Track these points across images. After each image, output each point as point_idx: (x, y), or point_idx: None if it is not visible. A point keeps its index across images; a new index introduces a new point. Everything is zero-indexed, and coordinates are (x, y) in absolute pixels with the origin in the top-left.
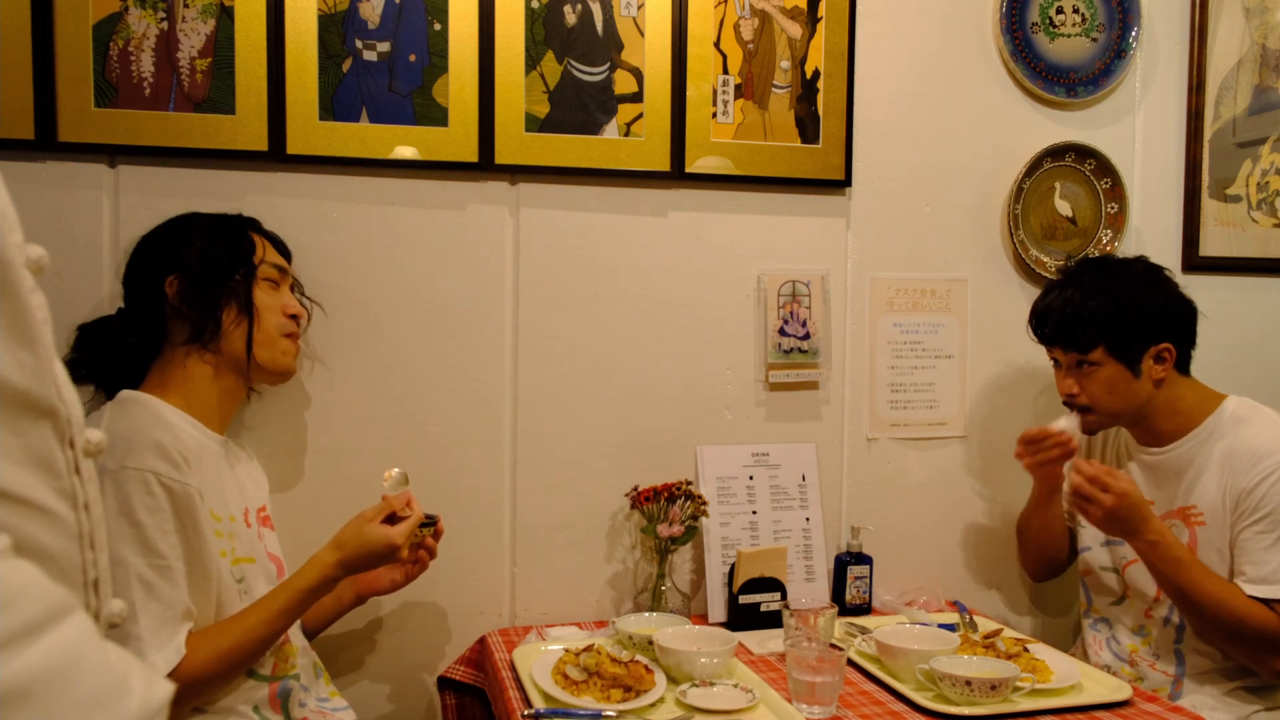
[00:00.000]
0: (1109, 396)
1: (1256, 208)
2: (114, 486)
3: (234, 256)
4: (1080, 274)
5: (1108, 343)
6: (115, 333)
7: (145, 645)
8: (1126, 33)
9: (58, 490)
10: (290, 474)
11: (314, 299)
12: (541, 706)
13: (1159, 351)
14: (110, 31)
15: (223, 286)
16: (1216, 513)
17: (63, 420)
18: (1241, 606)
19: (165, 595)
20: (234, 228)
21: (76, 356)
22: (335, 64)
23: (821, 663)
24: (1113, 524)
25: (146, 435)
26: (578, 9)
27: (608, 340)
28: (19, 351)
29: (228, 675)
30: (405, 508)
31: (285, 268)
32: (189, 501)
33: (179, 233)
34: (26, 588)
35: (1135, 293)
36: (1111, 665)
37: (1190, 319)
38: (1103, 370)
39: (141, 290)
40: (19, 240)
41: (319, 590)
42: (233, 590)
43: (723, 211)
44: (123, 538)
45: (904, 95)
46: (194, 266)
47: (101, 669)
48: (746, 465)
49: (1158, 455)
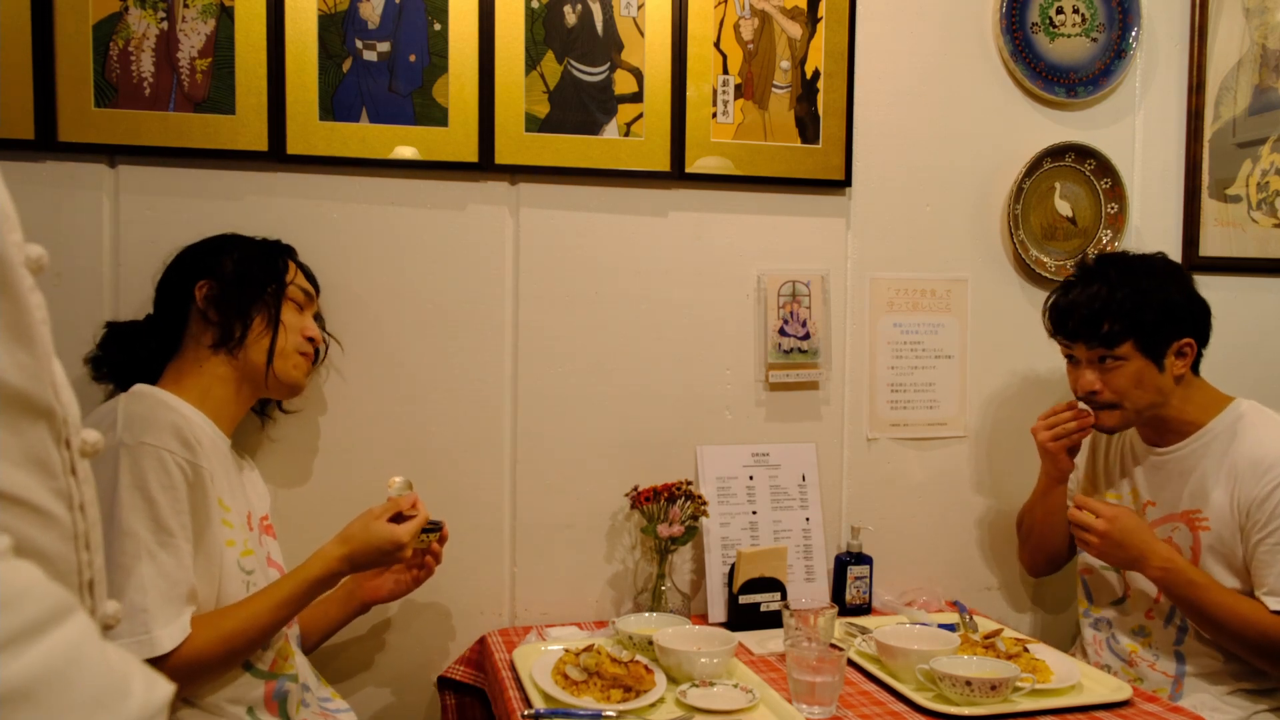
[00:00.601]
0: (1136, 390)
1: (1256, 208)
2: (130, 461)
3: (267, 272)
4: (1103, 269)
5: (1136, 337)
6: (142, 336)
7: (151, 619)
8: (1126, 33)
9: (54, 491)
10: (289, 473)
11: (334, 335)
12: (541, 706)
13: (1181, 346)
14: (110, 31)
15: (254, 296)
16: (1224, 520)
17: (59, 420)
18: (1266, 622)
19: (173, 573)
20: (271, 250)
21: (102, 354)
22: (335, 64)
23: (821, 663)
24: (1113, 550)
25: (164, 416)
26: (578, 9)
27: (608, 340)
28: (17, 352)
29: (227, 661)
30: (411, 508)
31: (312, 294)
32: (201, 484)
33: (218, 246)
34: (28, 588)
35: (1161, 286)
36: (1111, 665)
37: (1207, 316)
38: (1129, 365)
39: (171, 294)
40: (18, 239)
41: (324, 583)
42: (237, 580)
43: (723, 211)
44: (135, 511)
45: (904, 95)
46: (228, 275)
47: (102, 669)
48: (746, 465)
49: (1164, 455)
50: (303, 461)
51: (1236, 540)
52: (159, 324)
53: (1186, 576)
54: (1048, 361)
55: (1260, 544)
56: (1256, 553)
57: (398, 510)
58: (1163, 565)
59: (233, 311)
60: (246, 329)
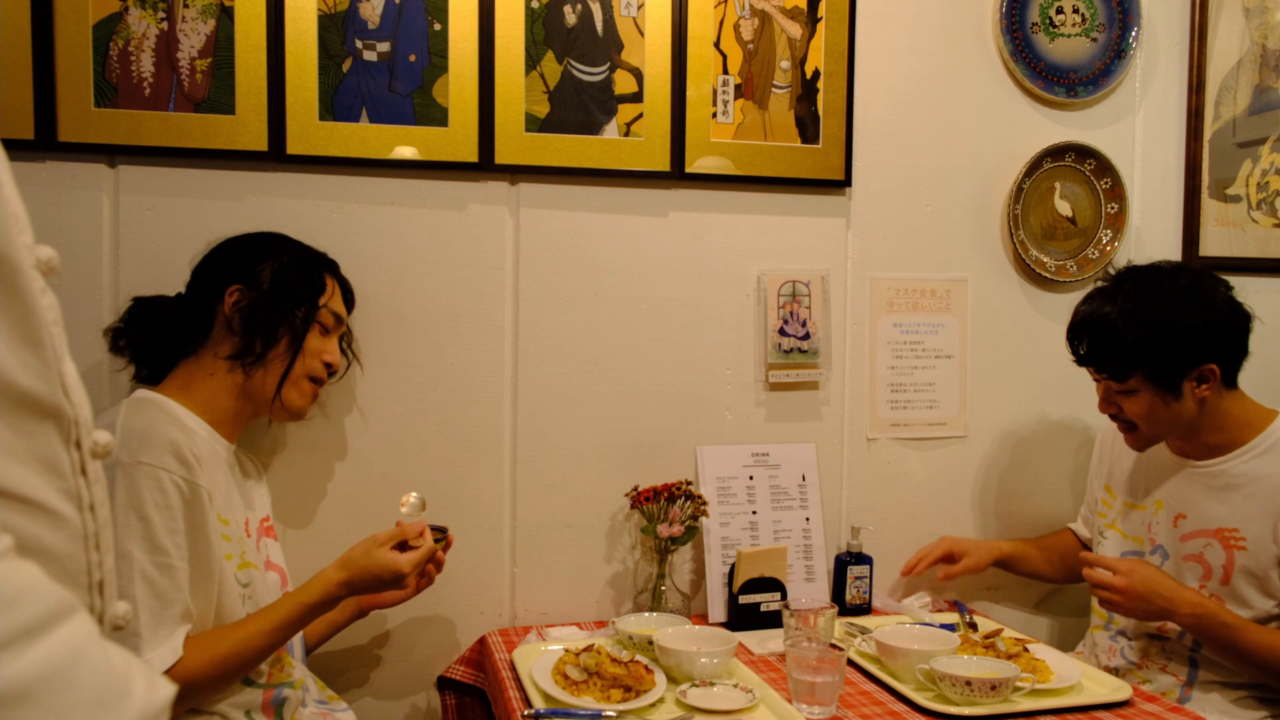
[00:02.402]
0: (1149, 420)
1: (1256, 208)
2: (126, 480)
3: (301, 291)
4: (1118, 289)
5: (1144, 370)
6: (167, 314)
7: (143, 642)
8: (1126, 33)
9: (63, 491)
10: (289, 473)
11: (358, 356)
12: (541, 706)
13: (1201, 373)
14: (110, 31)
15: (281, 318)
16: (1263, 542)
17: (69, 421)
18: None
19: (166, 593)
20: (312, 262)
21: (122, 326)
22: (335, 64)
23: (821, 663)
24: (1138, 605)
25: (163, 433)
26: (578, 9)
27: (608, 340)
28: (25, 353)
29: (222, 682)
30: (418, 538)
31: (342, 317)
32: (198, 502)
33: (260, 250)
34: (29, 588)
35: (1171, 316)
36: (1121, 668)
37: (1237, 332)
38: (1141, 395)
39: (204, 286)
40: (29, 242)
41: (322, 607)
42: (235, 594)
43: (723, 211)
44: (130, 531)
45: (904, 95)
46: (261, 286)
47: (103, 670)
48: (746, 465)
49: (1198, 469)
50: (302, 461)
51: (1274, 563)
52: (186, 310)
53: (1219, 619)
54: (1047, 361)
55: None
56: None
57: (404, 538)
58: (1192, 612)
59: (256, 330)
60: (266, 351)
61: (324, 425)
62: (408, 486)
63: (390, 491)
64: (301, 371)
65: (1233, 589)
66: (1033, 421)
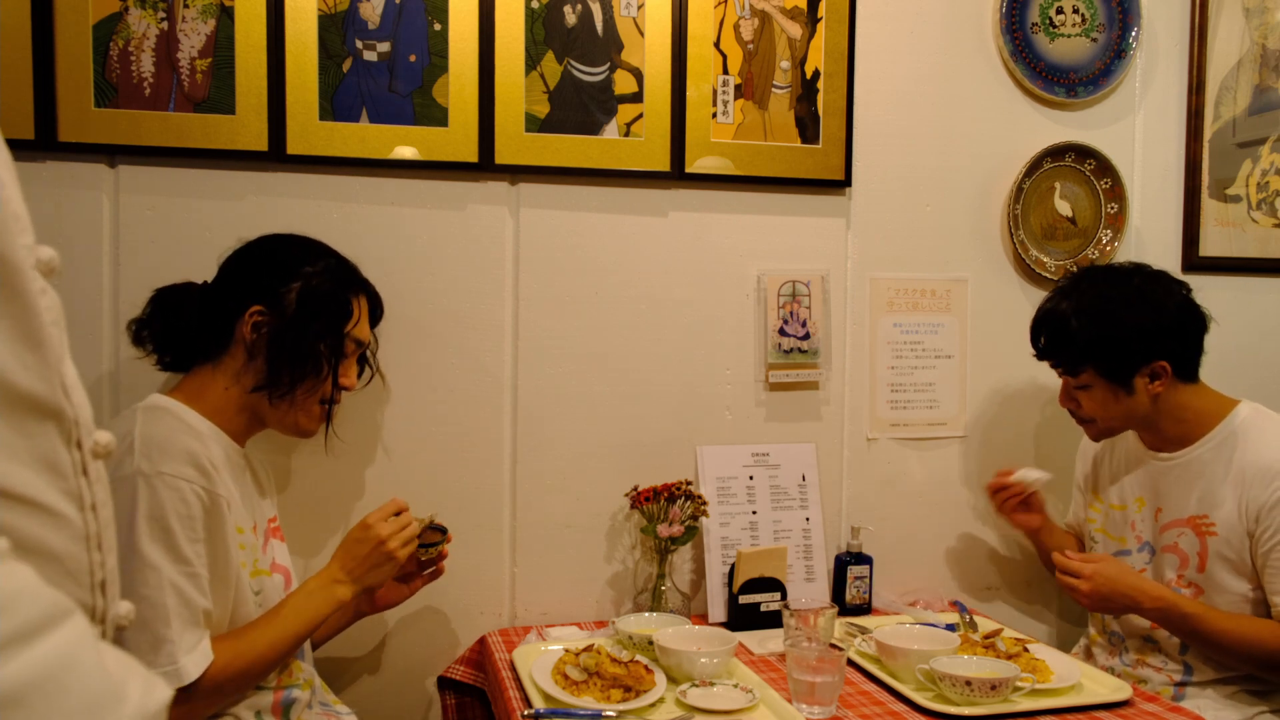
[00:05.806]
0: (1104, 413)
1: (1256, 208)
2: (148, 490)
3: (326, 321)
4: (1071, 289)
5: (1095, 366)
6: (190, 304)
7: (178, 649)
8: (1126, 33)
9: (64, 491)
10: (289, 473)
11: (381, 371)
12: (541, 706)
13: (1153, 369)
14: (110, 31)
15: (305, 354)
16: (1232, 526)
17: (69, 421)
18: (1271, 638)
19: (195, 601)
20: (341, 282)
21: (145, 318)
22: (335, 64)
23: (821, 663)
24: (1102, 604)
25: (180, 443)
26: (578, 9)
27: (608, 340)
28: (24, 353)
29: (243, 687)
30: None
31: (364, 341)
32: (218, 511)
33: (288, 262)
34: (22, 592)
35: (1121, 314)
36: (1115, 668)
37: (1190, 331)
38: (1094, 390)
39: (227, 293)
40: (29, 242)
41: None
42: (249, 602)
43: (723, 211)
44: (154, 542)
45: (904, 95)
46: (284, 311)
47: (97, 674)
48: (746, 465)
49: (1168, 461)
50: (302, 462)
51: (1245, 546)
52: (208, 308)
53: (1181, 610)
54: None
55: (1272, 550)
56: (1269, 559)
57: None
58: (1155, 605)
59: (280, 365)
60: (295, 387)
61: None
62: (407, 486)
63: (389, 491)
64: (314, 396)
65: (1209, 575)
66: (1033, 421)
